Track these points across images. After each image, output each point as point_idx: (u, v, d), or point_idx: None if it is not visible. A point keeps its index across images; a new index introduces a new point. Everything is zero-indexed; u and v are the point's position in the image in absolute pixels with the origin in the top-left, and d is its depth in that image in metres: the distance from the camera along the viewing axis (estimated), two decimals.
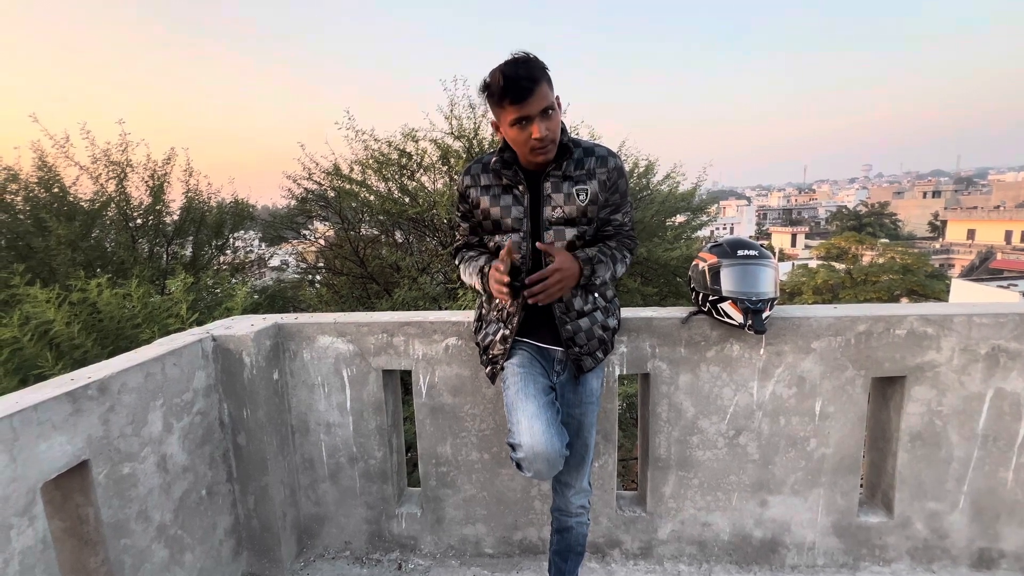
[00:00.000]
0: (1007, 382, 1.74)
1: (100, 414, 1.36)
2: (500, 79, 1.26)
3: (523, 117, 1.28)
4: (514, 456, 1.34)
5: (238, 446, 1.86)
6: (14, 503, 1.14)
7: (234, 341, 1.79)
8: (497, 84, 1.27)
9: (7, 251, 4.89)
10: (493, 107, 1.34)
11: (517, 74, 1.25)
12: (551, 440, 1.31)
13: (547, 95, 1.29)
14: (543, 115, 1.29)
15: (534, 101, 1.27)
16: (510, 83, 1.25)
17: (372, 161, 6.44)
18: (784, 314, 1.79)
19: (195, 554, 1.69)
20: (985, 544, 1.85)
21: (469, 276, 1.52)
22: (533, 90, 1.26)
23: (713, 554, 1.96)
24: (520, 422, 1.33)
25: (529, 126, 1.29)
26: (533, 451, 1.30)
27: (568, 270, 1.34)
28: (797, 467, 1.86)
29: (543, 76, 1.29)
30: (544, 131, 1.29)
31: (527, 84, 1.25)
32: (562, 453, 1.35)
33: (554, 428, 1.34)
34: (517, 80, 1.25)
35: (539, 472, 1.33)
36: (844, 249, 23.90)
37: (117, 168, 5.54)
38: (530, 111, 1.27)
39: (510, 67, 1.27)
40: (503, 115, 1.32)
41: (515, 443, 1.33)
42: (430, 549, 2.06)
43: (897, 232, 49.08)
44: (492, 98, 1.31)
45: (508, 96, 1.26)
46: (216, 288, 4.61)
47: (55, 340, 2.85)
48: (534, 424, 1.31)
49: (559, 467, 1.36)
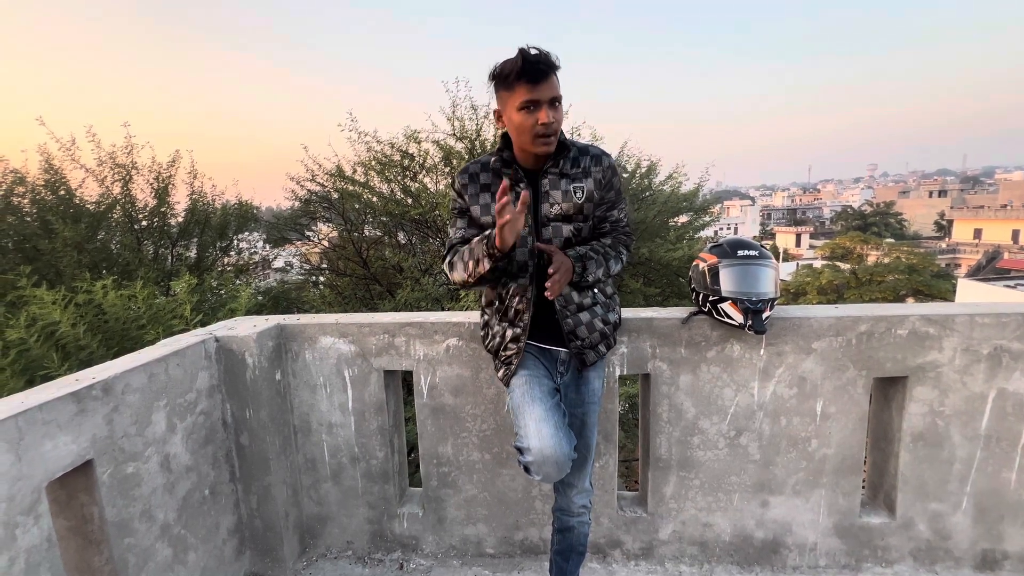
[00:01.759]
0: (1010, 382, 1.73)
1: (104, 414, 1.38)
2: (519, 59, 1.28)
3: (533, 100, 1.30)
4: (522, 460, 1.34)
5: (241, 446, 1.88)
6: (20, 502, 1.15)
7: (237, 342, 1.80)
8: (514, 64, 1.29)
9: (14, 253, 4.94)
10: (503, 91, 1.35)
11: (536, 58, 1.28)
12: (560, 443, 1.32)
13: (557, 86, 1.32)
14: (552, 104, 1.31)
15: (547, 86, 1.29)
16: (528, 64, 1.27)
17: (375, 163, 6.46)
18: (784, 314, 1.79)
19: (198, 553, 1.71)
20: (988, 545, 1.84)
21: (469, 254, 1.38)
22: (548, 75, 1.29)
23: (714, 555, 1.96)
24: (528, 426, 1.33)
25: (537, 111, 1.31)
26: (542, 455, 1.30)
27: (563, 265, 1.35)
28: (798, 468, 1.86)
29: (556, 68, 1.32)
30: (551, 118, 1.31)
31: (543, 68, 1.28)
32: (571, 456, 1.35)
33: (562, 431, 1.35)
34: (536, 62, 1.28)
35: (548, 475, 1.34)
36: (849, 249, 23.79)
37: (122, 170, 5.59)
38: (541, 95, 1.29)
39: (528, 51, 1.29)
40: (512, 99, 1.32)
41: (523, 447, 1.33)
42: (432, 549, 2.07)
43: (903, 232, 48.80)
44: (504, 80, 1.32)
45: (524, 76, 1.28)
46: (220, 289, 4.64)
47: (61, 341, 2.87)
48: (542, 428, 1.32)
49: (567, 470, 1.36)
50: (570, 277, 1.39)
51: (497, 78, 1.34)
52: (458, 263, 1.42)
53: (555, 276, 1.32)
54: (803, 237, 51.13)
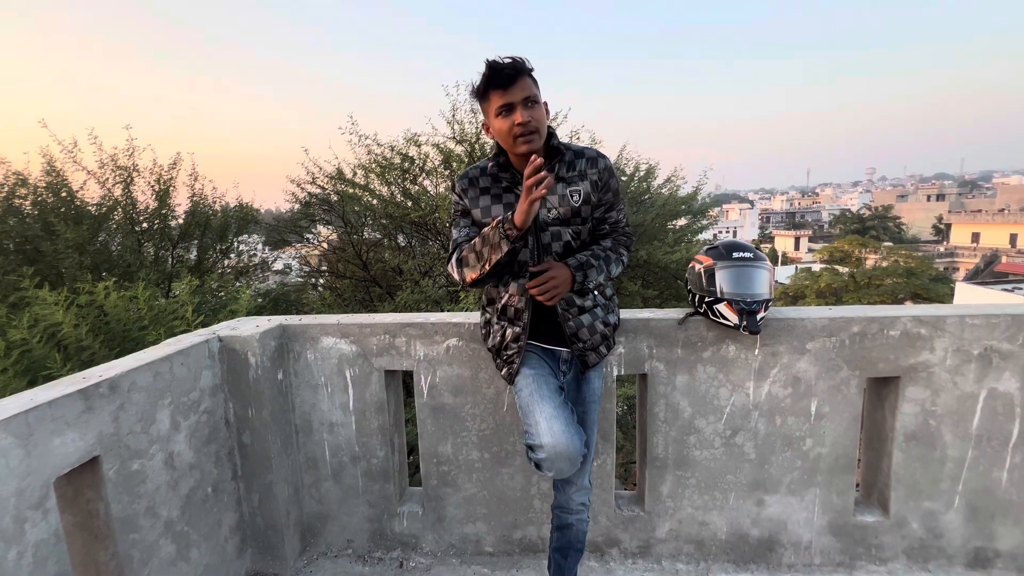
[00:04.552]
0: (1000, 382, 1.76)
1: (111, 411, 1.40)
2: (486, 70, 1.34)
3: (506, 104, 1.34)
4: (534, 456, 1.37)
5: (243, 445, 1.90)
6: (28, 497, 1.18)
7: (240, 342, 1.83)
8: (483, 77, 1.35)
9: (16, 255, 4.96)
10: (482, 104, 1.41)
11: (501, 64, 1.34)
12: (571, 439, 1.35)
13: (530, 86, 1.36)
14: (525, 103, 1.35)
15: (517, 88, 1.34)
16: (494, 72, 1.33)
17: (375, 165, 6.50)
18: (779, 315, 1.82)
19: (201, 550, 1.73)
20: (980, 543, 1.87)
21: (480, 243, 1.39)
22: (515, 78, 1.33)
23: (711, 553, 1.98)
24: (539, 423, 1.37)
25: (512, 113, 1.35)
26: (555, 451, 1.33)
27: (560, 277, 1.39)
28: (793, 467, 1.89)
29: (526, 71, 1.36)
30: (527, 116, 1.34)
31: (510, 72, 1.33)
32: (581, 451, 1.39)
33: (572, 427, 1.38)
34: (500, 69, 1.33)
35: (560, 471, 1.37)
36: (847, 252, 23.86)
37: (124, 173, 5.62)
38: (513, 98, 1.34)
39: (494, 60, 1.35)
40: (489, 108, 1.38)
41: (535, 444, 1.36)
42: (431, 547, 2.09)
43: (901, 235, 48.92)
44: (480, 93, 1.38)
45: (493, 83, 1.34)
46: (220, 291, 4.66)
47: (63, 342, 2.90)
48: (553, 424, 1.35)
49: (578, 465, 1.40)
50: (568, 288, 1.42)
51: (475, 94, 1.40)
52: (468, 256, 1.42)
53: (546, 284, 1.36)
54: (802, 240, 51.25)
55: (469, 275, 1.44)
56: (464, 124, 6.38)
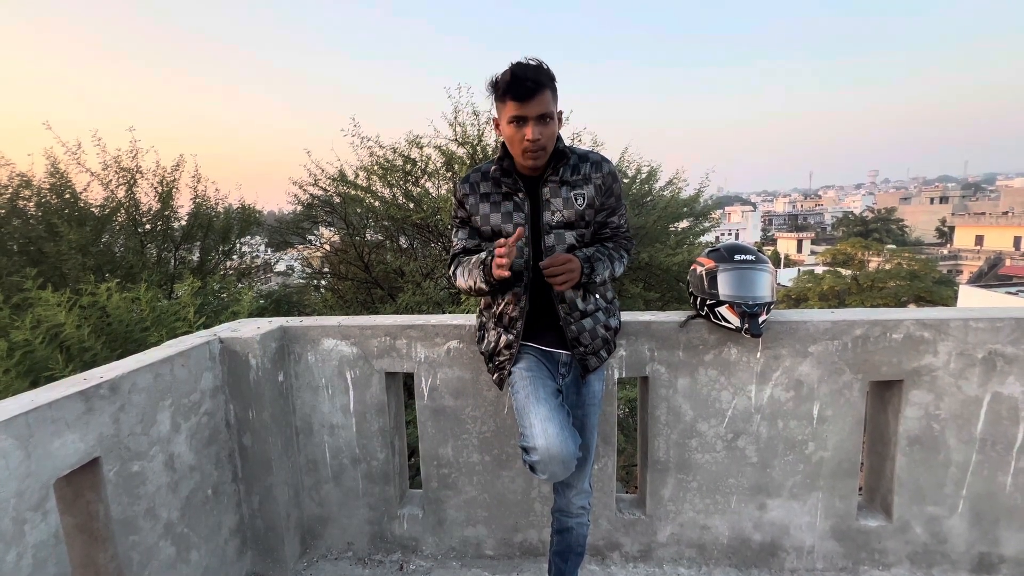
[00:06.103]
0: (1004, 386, 1.75)
1: (111, 413, 1.40)
2: (508, 75, 1.32)
3: (520, 116, 1.33)
4: (527, 459, 1.36)
5: (243, 446, 1.90)
6: (28, 498, 1.17)
7: (240, 343, 1.83)
8: (503, 80, 1.33)
9: (19, 256, 4.98)
10: (496, 102, 1.40)
11: (524, 74, 1.31)
12: (565, 442, 1.34)
13: (548, 103, 1.34)
14: (540, 120, 1.34)
15: (534, 104, 1.32)
16: (516, 80, 1.31)
17: (377, 168, 6.51)
18: (781, 318, 1.81)
19: (201, 552, 1.72)
20: (985, 549, 1.85)
21: (468, 273, 1.47)
22: (535, 92, 1.31)
23: (712, 557, 1.97)
24: (533, 425, 1.36)
25: (524, 127, 1.34)
26: (548, 454, 1.32)
27: (573, 263, 1.37)
28: (795, 470, 1.88)
29: (548, 84, 1.34)
30: (537, 135, 1.34)
31: (531, 86, 1.31)
32: (575, 454, 1.38)
33: (567, 430, 1.37)
34: (523, 79, 1.31)
35: (554, 474, 1.36)
36: (850, 255, 23.77)
37: (127, 174, 5.64)
38: (528, 112, 1.32)
39: (519, 67, 1.32)
40: (503, 111, 1.37)
41: (529, 446, 1.35)
42: (431, 550, 2.08)
43: (904, 238, 48.77)
44: (496, 93, 1.37)
45: (511, 92, 1.32)
46: (222, 293, 4.67)
47: (65, 343, 2.90)
48: (548, 427, 1.34)
49: (572, 468, 1.39)
50: (579, 277, 1.40)
51: (492, 89, 1.39)
52: (459, 276, 1.52)
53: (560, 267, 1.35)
54: (804, 243, 51.15)
55: (462, 288, 1.51)
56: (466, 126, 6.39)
